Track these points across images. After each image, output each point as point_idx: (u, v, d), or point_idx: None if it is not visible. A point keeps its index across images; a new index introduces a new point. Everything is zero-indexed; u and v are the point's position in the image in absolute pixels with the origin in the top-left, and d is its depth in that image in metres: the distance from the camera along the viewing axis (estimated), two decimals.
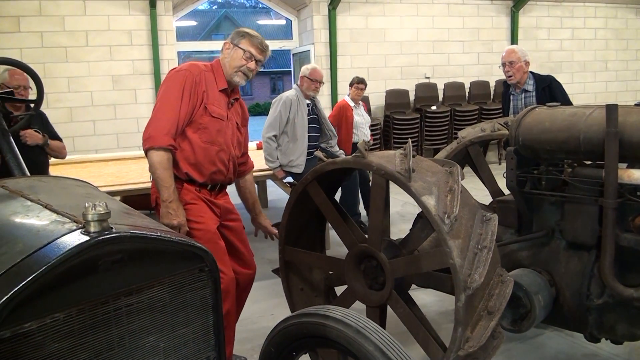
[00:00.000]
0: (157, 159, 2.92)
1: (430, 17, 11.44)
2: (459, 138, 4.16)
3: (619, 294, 2.75)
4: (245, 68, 3.15)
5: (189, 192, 3.10)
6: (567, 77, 12.36)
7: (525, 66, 4.90)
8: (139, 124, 9.84)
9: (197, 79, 3.05)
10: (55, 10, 9.17)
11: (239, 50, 3.15)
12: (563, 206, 3.03)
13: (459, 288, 2.41)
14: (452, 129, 11.07)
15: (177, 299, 1.67)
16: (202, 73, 3.10)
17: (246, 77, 3.20)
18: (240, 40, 3.16)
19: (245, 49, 3.14)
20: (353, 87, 7.32)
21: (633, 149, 2.69)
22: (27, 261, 1.36)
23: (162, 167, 2.92)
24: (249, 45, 3.15)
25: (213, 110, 3.09)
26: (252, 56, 3.16)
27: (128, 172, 6.29)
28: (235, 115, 3.30)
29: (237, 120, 3.33)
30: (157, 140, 2.91)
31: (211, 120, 3.09)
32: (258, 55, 3.18)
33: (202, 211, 3.11)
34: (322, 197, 3.12)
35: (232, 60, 3.16)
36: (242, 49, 3.14)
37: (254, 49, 3.16)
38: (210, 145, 3.09)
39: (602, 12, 13.02)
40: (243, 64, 3.14)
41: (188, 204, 3.07)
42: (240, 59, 3.14)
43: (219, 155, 3.13)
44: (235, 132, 3.27)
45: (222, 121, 3.14)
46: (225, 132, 3.16)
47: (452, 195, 2.56)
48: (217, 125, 3.11)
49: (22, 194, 1.85)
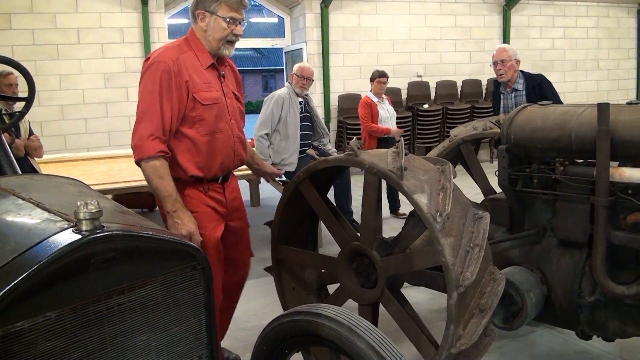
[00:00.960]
0: (149, 170, 2.69)
1: (423, 16, 11.45)
2: (450, 136, 4.17)
3: (611, 292, 2.76)
4: (231, 36, 2.85)
5: (192, 197, 2.88)
6: (559, 76, 12.41)
7: (516, 64, 4.92)
8: (130, 122, 9.70)
9: (174, 70, 2.72)
10: (46, 8, 9.13)
11: (219, 19, 2.79)
12: (555, 204, 3.04)
13: (451, 286, 2.41)
14: (444, 127, 11.09)
15: (169, 298, 1.67)
16: (179, 59, 2.77)
17: (233, 43, 2.91)
18: (217, 8, 2.78)
19: (226, 16, 2.79)
20: (375, 82, 7.18)
21: (624, 148, 2.70)
22: (19, 260, 1.36)
23: (157, 176, 2.69)
24: (228, 10, 2.79)
25: (204, 98, 2.80)
26: (235, 19, 2.82)
27: (120, 171, 6.26)
28: (230, 84, 3.03)
29: (233, 89, 3.05)
30: (144, 150, 2.67)
31: (205, 109, 2.80)
32: (240, 15, 2.84)
33: (206, 219, 2.89)
34: (314, 195, 3.12)
35: (214, 32, 2.82)
36: (221, 17, 2.79)
37: (234, 12, 2.81)
38: (211, 135, 2.84)
39: (594, 11, 13.07)
40: (228, 33, 2.82)
41: (191, 211, 2.82)
42: (223, 29, 2.81)
43: (224, 143, 2.89)
44: (234, 105, 3.00)
45: (217, 104, 2.85)
46: (224, 115, 2.88)
47: (444, 194, 2.57)
48: (214, 112, 2.83)
49: (13, 192, 1.84)
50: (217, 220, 2.96)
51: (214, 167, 2.90)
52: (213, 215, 2.94)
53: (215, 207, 2.96)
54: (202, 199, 2.91)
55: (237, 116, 3.02)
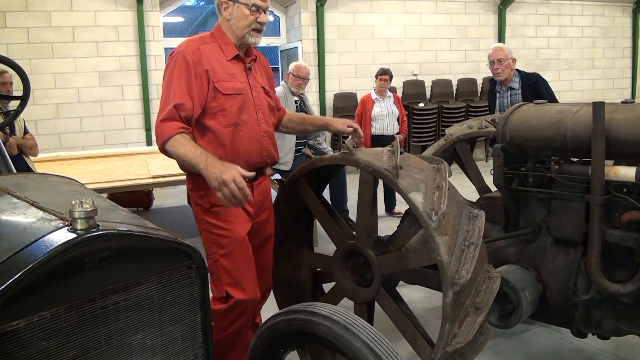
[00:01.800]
0: (172, 148, 2.56)
1: (418, 14, 11.46)
2: (446, 135, 4.17)
3: (606, 290, 2.77)
4: (256, 24, 2.75)
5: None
6: (554, 75, 12.44)
7: (512, 63, 4.95)
8: (125, 121, 9.79)
9: (193, 59, 2.65)
10: (41, 6, 9.10)
11: (241, 7, 2.72)
12: (550, 203, 3.05)
13: (446, 284, 2.42)
14: (440, 126, 11.11)
15: (164, 297, 1.66)
16: (200, 49, 2.70)
17: (259, 32, 2.80)
18: None
19: (249, 3, 2.71)
20: (377, 79, 7.20)
21: (619, 146, 2.71)
22: (14, 259, 1.35)
23: (180, 146, 2.54)
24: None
25: (225, 88, 2.70)
26: (259, 7, 2.74)
27: (115, 169, 6.25)
28: (259, 78, 2.92)
29: (263, 83, 2.94)
30: (162, 134, 2.57)
31: (227, 99, 2.70)
32: (264, 2, 2.76)
33: (232, 213, 2.74)
34: (310, 194, 3.12)
35: (238, 20, 2.74)
36: (243, 3, 2.71)
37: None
38: (234, 127, 2.73)
39: (589, 10, 13.11)
40: (252, 21, 2.73)
41: (215, 206, 2.72)
42: (247, 16, 2.72)
43: (249, 136, 2.77)
44: (263, 99, 2.88)
45: (241, 95, 2.75)
46: (248, 107, 2.77)
47: (440, 192, 2.57)
48: (237, 102, 2.73)
49: (8, 191, 1.84)
50: (243, 217, 2.81)
51: (239, 161, 2.67)
52: (240, 210, 2.78)
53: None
54: None
55: (266, 110, 2.89)
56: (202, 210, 2.79)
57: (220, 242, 2.76)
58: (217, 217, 2.75)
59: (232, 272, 2.75)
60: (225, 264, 2.75)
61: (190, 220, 7.57)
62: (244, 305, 2.74)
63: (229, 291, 2.74)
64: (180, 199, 8.71)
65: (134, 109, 9.83)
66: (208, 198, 2.75)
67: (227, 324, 2.79)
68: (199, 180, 2.70)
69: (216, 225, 2.75)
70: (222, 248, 2.76)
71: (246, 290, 2.76)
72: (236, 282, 2.75)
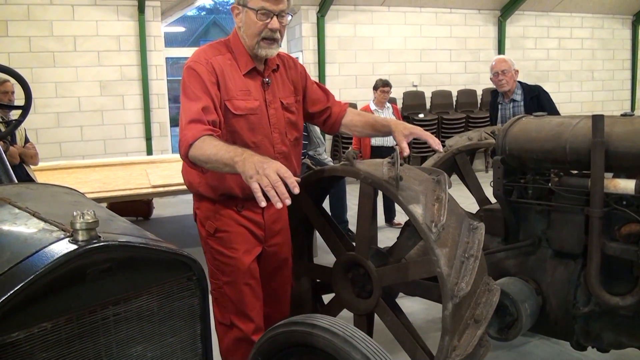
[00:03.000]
0: (198, 147, 2.24)
1: (418, 26, 11.51)
2: (446, 147, 4.19)
3: (605, 303, 2.77)
4: (266, 32, 2.44)
5: (223, 215, 2.63)
6: (554, 86, 12.47)
7: (515, 75, 4.97)
8: (126, 130, 9.81)
9: (208, 69, 2.43)
10: (43, 15, 9.14)
11: (249, 12, 2.42)
12: (549, 215, 3.05)
13: (446, 296, 2.41)
14: (440, 137, 11.11)
15: (164, 308, 1.66)
16: (213, 61, 2.45)
17: (273, 41, 2.48)
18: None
19: (256, 7, 2.40)
20: (378, 91, 7.20)
21: (619, 159, 2.72)
22: (15, 270, 1.36)
23: (210, 146, 2.22)
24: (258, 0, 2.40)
25: (237, 108, 2.47)
26: (269, 11, 2.41)
27: (115, 179, 6.26)
28: (279, 91, 2.65)
29: (283, 96, 2.66)
30: (189, 135, 2.27)
31: (238, 120, 2.49)
32: (274, 6, 2.41)
33: (237, 240, 2.61)
34: (309, 205, 3.12)
35: (247, 27, 2.46)
36: (251, 8, 2.41)
37: (265, 1, 2.39)
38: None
39: (588, 23, 13.15)
40: (261, 28, 2.43)
41: (220, 231, 2.61)
42: (255, 23, 2.42)
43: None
44: (281, 116, 2.63)
45: (255, 115, 2.52)
46: (262, 126, 2.55)
47: (440, 204, 2.57)
48: (249, 123, 2.52)
49: (9, 202, 1.84)
50: (250, 243, 2.67)
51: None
52: (246, 236, 2.65)
53: (249, 227, 2.67)
54: (234, 218, 2.64)
55: (283, 128, 2.64)
56: (207, 233, 2.69)
57: (223, 270, 2.65)
58: (221, 244, 2.64)
59: (236, 302, 2.66)
60: (229, 293, 2.67)
61: (190, 229, 7.59)
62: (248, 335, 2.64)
63: (234, 321, 2.67)
64: (180, 209, 8.72)
65: (134, 119, 9.86)
66: (213, 222, 2.65)
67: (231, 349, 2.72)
68: (205, 201, 2.67)
69: (219, 252, 2.64)
70: (225, 276, 2.67)
71: (253, 321, 2.67)
72: (242, 312, 2.67)
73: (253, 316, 2.67)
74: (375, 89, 7.25)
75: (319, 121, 2.96)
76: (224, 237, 2.63)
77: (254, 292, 2.68)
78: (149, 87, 9.79)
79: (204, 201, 2.68)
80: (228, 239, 2.63)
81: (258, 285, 2.71)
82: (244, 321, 2.67)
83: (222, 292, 2.69)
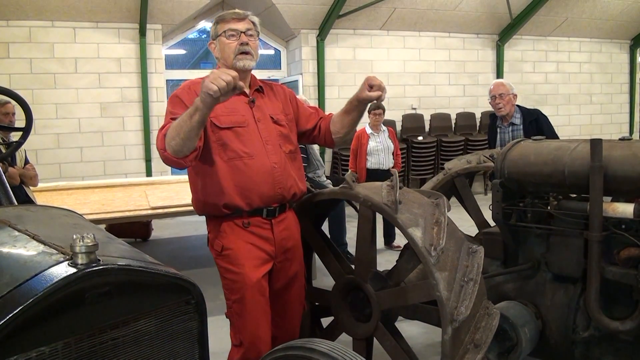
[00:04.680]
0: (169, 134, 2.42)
1: (417, 50, 11.59)
2: (445, 169, 4.20)
3: (605, 327, 2.76)
4: (240, 47, 2.71)
5: (227, 233, 2.70)
6: (552, 110, 12.53)
7: (513, 99, 4.98)
8: (126, 151, 9.84)
9: (190, 93, 2.63)
10: (45, 37, 9.21)
11: (221, 38, 2.74)
12: (549, 239, 3.05)
13: (445, 321, 2.41)
14: (439, 159, 11.15)
15: (163, 332, 1.66)
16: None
17: (247, 54, 2.72)
18: (217, 29, 2.77)
19: (224, 32, 2.73)
20: (371, 114, 7.19)
21: (617, 183, 2.72)
22: (14, 293, 1.35)
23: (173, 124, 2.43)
24: (224, 24, 2.74)
25: (222, 122, 2.65)
26: (235, 30, 2.72)
27: (114, 200, 6.26)
28: (268, 108, 2.83)
29: (273, 112, 2.84)
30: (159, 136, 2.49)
31: (226, 132, 2.66)
32: (238, 25, 2.73)
33: (243, 256, 2.66)
34: (308, 227, 3.12)
35: (223, 51, 2.75)
36: (221, 34, 2.75)
37: (231, 23, 2.73)
38: (239, 160, 2.66)
39: (586, 47, 13.25)
40: (234, 46, 2.71)
41: (226, 249, 2.68)
42: (228, 44, 2.72)
43: (256, 169, 2.67)
44: (272, 129, 2.79)
45: (242, 127, 2.69)
46: (253, 140, 2.70)
47: (439, 228, 2.58)
48: (238, 135, 2.67)
49: (9, 224, 1.84)
50: (258, 259, 2.71)
51: (251, 195, 2.67)
52: (254, 252, 2.70)
53: (257, 243, 2.72)
54: (240, 235, 2.70)
55: (276, 141, 2.78)
56: (216, 253, 2.75)
57: (232, 288, 2.69)
58: (228, 261, 2.69)
59: (245, 320, 2.68)
60: (238, 311, 2.69)
61: (188, 251, 7.58)
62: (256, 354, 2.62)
63: (243, 340, 2.68)
64: (179, 230, 8.70)
65: (134, 140, 9.88)
66: (220, 241, 2.71)
67: None
68: (213, 221, 2.75)
69: (227, 269, 2.69)
70: (234, 294, 2.70)
71: (262, 340, 2.68)
72: (250, 331, 2.68)
73: (261, 335, 2.68)
74: (369, 112, 7.24)
75: (317, 137, 3.08)
76: (231, 254, 2.68)
77: (262, 310, 2.70)
78: (149, 109, 9.83)
79: (212, 221, 2.77)
80: (234, 256, 2.68)
81: (267, 303, 2.73)
82: (252, 340, 2.67)
83: (232, 312, 2.72)
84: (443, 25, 11.53)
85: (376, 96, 2.80)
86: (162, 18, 9.75)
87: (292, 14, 10.30)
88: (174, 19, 9.85)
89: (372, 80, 2.80)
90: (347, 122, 3.02)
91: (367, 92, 2.81)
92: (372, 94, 2.79)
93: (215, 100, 2.28)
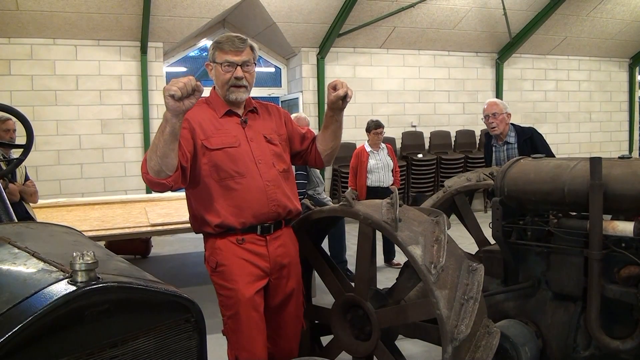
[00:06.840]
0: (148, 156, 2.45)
1: (417, 68, 11.64)
2: (445, 187, 4.20)
3: (606, 346, 2.74)
4: (233, 80, 2.75)
5: (222, 250, 2.71)
6: (552, 127, 12.57)
7: (507, 118, 4.99)
8: (126, 168, 9.84)
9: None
10: (46, 55, 9.25)
11: (217, 66, 2.77)
12: (549, 257, 3.05)
13: (445, 339, 2.40)
14: (439, 177, 11.16)
15: (161, 350, 1.65)
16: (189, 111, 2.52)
17: (240, 87, 2.78)
18: (214, 55, 2.78)
19: (221, 61, 2.75)
20: (371, 133, 7.18)
21: (617, 201, 2.73)
22: (14, 311, 1.35)
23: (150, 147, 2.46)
24: (222, 55, 2.75)
25: (213, 143, 2.69)
26: (232, 63, 2.74)
27: (114, 217, 6.25)
28: (260, 127, 2.88)
29: (266, 132, 2.88)
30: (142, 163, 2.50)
31: (216, 153, 2.69)
32: (235, 58, 2.74)
33: (237, 272, 2.67)
34: (308, 245, 3.12)
35: (217, 79, 2.80)
36: (218, 63, 2.76)
37: (228, 55, 2.74)
38: (231, 180, 2.70)
39: (585, 65, 13.30)
40: (228, 78, 2.75)
41: (220, 265, 2.70)
42: (222, 74, 2.76)
43: (249, 187, 2.70)
44: (263, 149, 2.82)
45: (233, 148, 2.73)
46: (244, 159, 2.73)
47: (439, 245, 2.57)
48: (229, 156, 2.70)
49: (9, 241, 1.84)
50: (252, 275, 2.71)
51: (246, 214, 2.70)
52: (247, 268, 2.71)
53: (251, 260, 2.73)
54: (234, 251, 2.72)
55: (269, 159, 2.82)
56: (211, 270, 2.77)
57: (226, 304, 2.70)
58: (222, 277, 2.70)
59: (239, 336, 2.68)
60: (232, 327, 2.69)
61: (187, 268, 7.56)
62: None
63: (239, 357, 2.68)
64: (178, 247, 8.68)
65: (134, 157, 9.89)
66: (215, 257, 2.73)
67: None
68: (209, 239, 2.78)
69: (222, 286, 2.71)
70: (228, 310, 2.71)
71: (257, 355, 2.66)
72: (244, 347, 2.67)
73: (256, 352, 2.67)
74: (368, 131, 7.23)
75: (309, 158, 3.10)
76: (225, 271, 2.70)
77: (256, 326, 2.69)
78: (149, 126, 9.85)
79: (208, 239, 2.80)
80: (228, 272, 2.69)
81: (262, 319, 2.73)
82: (248, 357, 2.66)
83: (227, 328, 2.72)
84: (442, 44, 11.59)
85: (343, 93, 2.83)
86: (163, 36, 9.80)
87: (293, 32, 10.36)
88: (175, 37, 9.91)
89: (334, 82, 2.85)
90: (328, 136, 3.05)
91: (332, 95, 2.85)
92: (338, 92, 2.83)
93: (180, 106, 2.31)
